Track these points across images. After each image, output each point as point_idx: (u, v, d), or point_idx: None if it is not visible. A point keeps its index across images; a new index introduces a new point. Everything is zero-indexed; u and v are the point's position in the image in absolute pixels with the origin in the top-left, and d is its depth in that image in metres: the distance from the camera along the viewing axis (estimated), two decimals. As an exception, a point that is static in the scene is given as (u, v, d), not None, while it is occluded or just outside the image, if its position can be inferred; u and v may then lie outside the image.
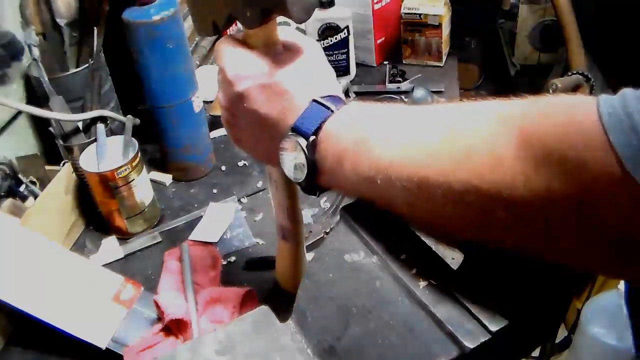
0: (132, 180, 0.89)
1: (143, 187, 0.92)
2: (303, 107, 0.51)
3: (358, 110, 0.50)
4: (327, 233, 0.86)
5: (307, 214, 0.92)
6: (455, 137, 0.41)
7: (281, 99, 0.51)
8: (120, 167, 0.86)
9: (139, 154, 0.90)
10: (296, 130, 0.50)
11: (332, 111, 0.50)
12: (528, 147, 0.36)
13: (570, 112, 0.36)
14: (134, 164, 0.88)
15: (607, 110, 0.34)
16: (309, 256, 0.75)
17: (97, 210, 0.93)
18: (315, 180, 0.51)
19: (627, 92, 0.35)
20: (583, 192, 0.34)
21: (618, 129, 0.33)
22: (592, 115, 0.34)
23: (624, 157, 0.32)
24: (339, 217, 0.88)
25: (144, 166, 0.93)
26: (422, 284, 0.47)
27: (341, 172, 0.48)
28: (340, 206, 0.91)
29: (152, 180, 1.01)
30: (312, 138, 0.49)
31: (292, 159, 0.51)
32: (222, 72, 0.54)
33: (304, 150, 0.49)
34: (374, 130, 0.47)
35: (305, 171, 0.50)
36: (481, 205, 0.39)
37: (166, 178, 1.06)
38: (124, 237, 0.93)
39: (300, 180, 0.52)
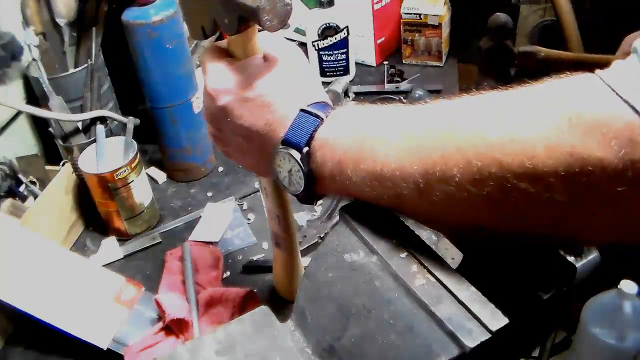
0: (131, 182, 0.89)
1: (142, 188, 0.92)
2: (290, 117, 0.50)
3: (349, 113, 0.49)
4: (321, 238, 0.86)
5: (302, 219, 0.92)
6: (463, 118, 0.41)
7: (265, 111, 0.51)
8: (119, 168, 0.86)
9: (138, 155, 0.90)
10: (287, 143, 0.49)
11: (322, 119, 0.49)
12: (543, 119, 0.37)
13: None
14: (133, 165, 0.88)
15: (619, 85, 0.35)
16: (304, 261, 0.75)
17: (96, 211, 0.93)
18: (314, 189, 0.51)
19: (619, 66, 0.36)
20: (602, 152, 0.35)
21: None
22: (601, 90, 0.36)
23: None
24: (333, 221, 0.89)
25: (143, 167, 0.93)
26: (422, 283, 0.47)
27: (344, 176, 0.48)
28: (336, 210, 0.91)
29: (147, 175, 1.02)
30: (305, 149, 0.48)
31: (287, 172, 0.51)
32: (205, 85, 0.54)
33: (299, 163, 0.49)
34: (372, 126, 0.47)
35: (303, 183, 0.50)
36: (502, 179, 0.38)
37: (160, 176, 1.06)
38: (123, 238, 0.93)
39: (298, 192, 0.51)
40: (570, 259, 0.47)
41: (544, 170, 0.36)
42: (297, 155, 0.48)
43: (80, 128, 0.96)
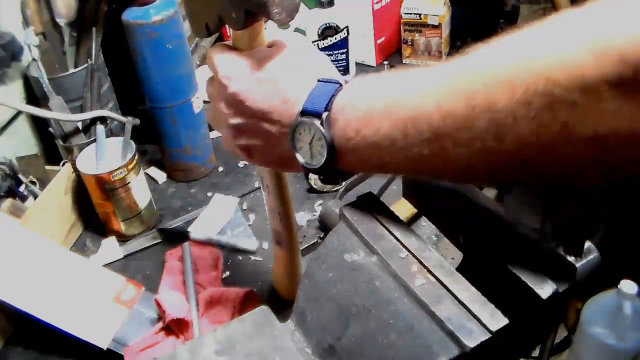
0: (128, 183, 0.88)
1: (140, 189, 0.92)
2: (307, 90, 0.49)
3: (370, 77, 0.48)
4: (321, 238, 0.86)
5: (302, 219, 0.93)
6: (501, 50, 0.40)
7: (280, 88, 0.50)
8: (117, 169, 0.86)
9: (136, 156, 0.90)
10: (306, 112, 0.48)
11: (340, 84, 0.48)
12: (590, 29, 0.36)
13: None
14: (130, 166, 0.88)
15: None
16: (304, 261, 0.75)
17: (96, 211, 0.93)
18: (336, 161, 0.48)
19: None
20: None
21: None
22: None
23: None
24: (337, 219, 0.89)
25: (142, 168, 0.93)
26: (422, 283, 0.47)
27: (371, 128, 0.45)
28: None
29: (147, 174, 1.02)
30: (325, 114, 0.46)
31: (308, 145, 0.49)
32: (216, 77, 0.54)
33: (320, 129, 0.47)
34: (401, 78, 0.45)
35: (325, 153, 0.47)
36: (550, 95, 0.36)
37: (160, 176, 1.07)
38: (121, 239, 0.93)
39: (319, 165, 0.49)
40: (571, 259, 0.47)
41: (594, 80, 0.35)
42: (317, 122, 0.47)
43: (80, 128, 0.96)
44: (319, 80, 0.49)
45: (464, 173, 0.44)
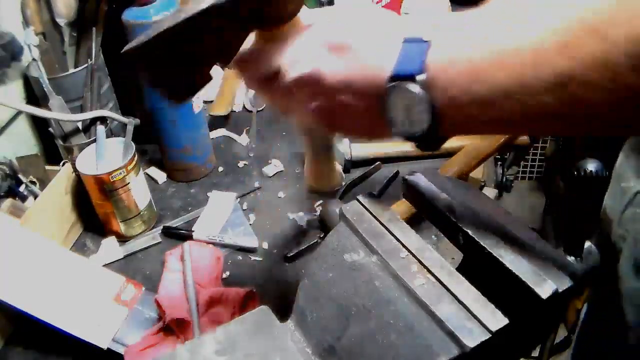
0: (128, 184, 0.88)
1: (139, 190, 0.91)
2: (390, 53, 0.43)
3: (451, 25, 0.43)
4: (321, 238, 0.86)
5: (302, 219, 0.93)
6: None
7: (357, 55, 0.45)
8: (116, 170, 0.86)
9: (136, 157, 0.90)
10: (398, 77, 0.43)
11: (428, 41, 0.42)
12: None
13: None
14: (129, 167, 0.88)
15: None
16: (303, 261, 0.74)
17: (96, 211, 0.93)
18: (439, 125, 0.43)
19: None
20: None
21: None
22: None
23: None
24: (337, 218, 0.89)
25: (141, 168, 0.93)
26: (422, 283, 0.47)
27: (481, 90, 0.40)
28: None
29: (147, 174, 1.02)
30: (421, 77, 0.41)
31: (404, 113, 0.44)
32: (277, 68, 0.49)
33: (419, 93, 0.42)
34: (495, 24, 0.40)
35: (429, 118, 0.42)
36: None
37: (160, 176, 1.07)
38: (121, 239, 0.93)
39: (422, 132, 0.44)
40: (570, 259, 0.47)
41: None
42: (413, 85, 0.42)
43: (80, 128, 0.96)
44: (403, 41, 0.44)
45: (591, 120, 0.38)
